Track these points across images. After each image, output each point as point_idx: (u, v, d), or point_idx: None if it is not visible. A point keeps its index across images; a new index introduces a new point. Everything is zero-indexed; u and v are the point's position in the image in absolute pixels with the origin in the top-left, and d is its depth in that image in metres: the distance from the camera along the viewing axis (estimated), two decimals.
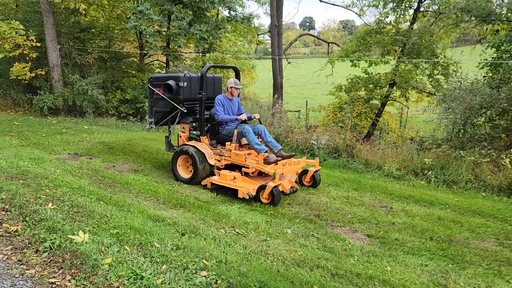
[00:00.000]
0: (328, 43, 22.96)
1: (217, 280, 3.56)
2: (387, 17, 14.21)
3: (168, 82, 6.76)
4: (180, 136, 7.16)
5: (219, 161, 6.58)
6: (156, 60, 18.47)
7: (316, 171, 6.71)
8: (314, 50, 51.33)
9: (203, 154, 6.48)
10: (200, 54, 17.81)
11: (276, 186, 5.72)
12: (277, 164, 6.21)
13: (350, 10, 39.65)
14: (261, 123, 6.96)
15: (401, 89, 13.62)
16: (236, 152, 6.38)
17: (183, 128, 7.15)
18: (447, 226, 5.31)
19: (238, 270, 3.75)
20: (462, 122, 8.57)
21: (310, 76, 21.15)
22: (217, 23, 15.38)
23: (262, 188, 5.79)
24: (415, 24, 13.65)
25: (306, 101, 17.99)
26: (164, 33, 14.65)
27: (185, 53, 17.86)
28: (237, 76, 7.37)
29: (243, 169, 6.37)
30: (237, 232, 4.75)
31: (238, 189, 5.92)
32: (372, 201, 6.34)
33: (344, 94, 14.89)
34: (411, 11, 13.72)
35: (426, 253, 4.44)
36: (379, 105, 14.21)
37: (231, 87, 6.77)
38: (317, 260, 4.13)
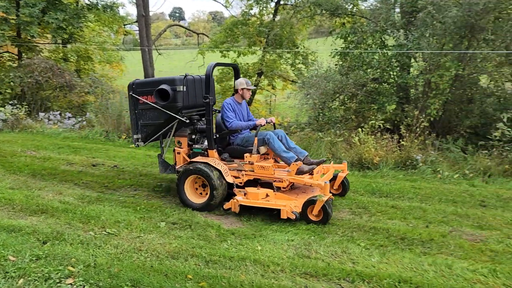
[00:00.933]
0: (198, 34, 23.03)
1: (84, 286, 3.38)
2: (251, 9, 14.80)
3: (162, 87, 5.48)
4: (179, 153, 5.87)
5: (237, 177, 5.54)
6: (5, 52, 16.31)
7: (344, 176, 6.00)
8: (186, 41, 50.83)
9: (219, 171, 5.37)
10: (60, 45, 16.26)
11: (327, 200, 4.93)
12: (312, 173, 5.42)
13: (217, 1, 40.27)
14: (275, 127, 6.02)
15: (268, 78, 14.38)
16: (261, 164, 5.40)
17: (178, 142, 5.94)
18: None
19: (108, 271, 3.62)
20: (321, 107, 9.45)
21: (183, 67, 20.96)
22: (76, 11, 14.20)
23: (310, 203, 4.96)
24: (277, 16, 14.49)
25: None
26: (13, 21, 13.01)
27: (41, 43, 16.12)
28: (238, 75, 6.22)
29: (275, 184, 5.39)
30: (108, 233, 4.56)
31: (281, 208, 4.96)
32: None
33: (216, 84, 15.15)
34: (273, 4, 14.52)
35: (292, 229, 4.82)
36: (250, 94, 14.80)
37: (242, 89, 5.73)
38: (191, 250, 4.20)
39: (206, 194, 5.41)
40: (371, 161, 7.40)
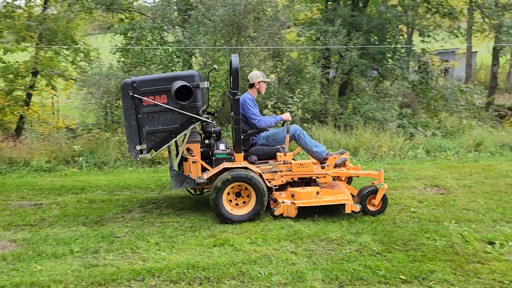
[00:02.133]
0: None
1: None
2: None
3: (183, 84, 4.64)
4: (195, 162, 5.02)
5: (270, 180, 5.07)
6: None
7: None
8: None
9: (261, 176, 4.91)
10: None
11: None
12: (345, 164, 5.39)
13: None
14: (283, 125, 5.47)
15: (45, 78, 12.90)
16: (300, 162, 5.16)
17: (188, 150, 5.06)
18: (98, 207, 5.56)
19: None
20: (109, 105, 9.07)
21: None
22: None
23: (371, 193, 4.93)
24: (49, 9, 13.05)
25: None
26: None
27: None
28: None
29: (319, 180, 5.17)
30: None
31: (345, 203, 4.82)
32: (21, 201, 5.86)
33: None
34: None
35: (78, 239, 4.50)
36: (25, 96, 13.02)
37: (259, 82, 5.28)
38: None
39: (237, 204, 4.99)
40: (161, 156, 7.52)
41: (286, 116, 5.37)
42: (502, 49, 11.04)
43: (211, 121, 5.15)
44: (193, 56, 9.56)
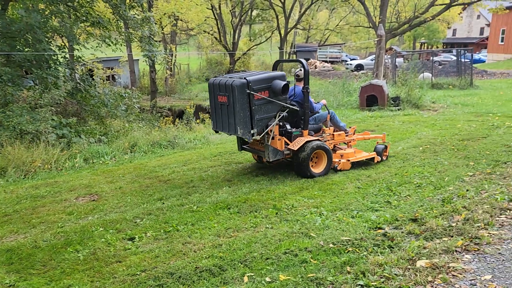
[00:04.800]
0: None
1: None
2: None
3: (285, 82, 6.11)
4: (279, 139, 6.53)
5: None
6: None
7: None
8: None
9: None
10: None
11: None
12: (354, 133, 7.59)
13: None
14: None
15: None
16: (338, 133, 7.12)
17: (271, 131, 6.40)
18: None
19: None
20: None
21: None
22: None
23: (384, 148, 7.22)
24: None
25: None
26: None
27: None
28: (276, 68, 7.49)
29: (350, 143, 7.30)
30: None
31: (374, 156, 7.05)
32: None
33: None
34: None
35: None
36: None
37: None
38: None
39: (312, 166, 6.57)
40: None
41: (324, 102, 7.28)
42: (149, 57, 12.25)
43: (297, 108, 6.53)
44: None
